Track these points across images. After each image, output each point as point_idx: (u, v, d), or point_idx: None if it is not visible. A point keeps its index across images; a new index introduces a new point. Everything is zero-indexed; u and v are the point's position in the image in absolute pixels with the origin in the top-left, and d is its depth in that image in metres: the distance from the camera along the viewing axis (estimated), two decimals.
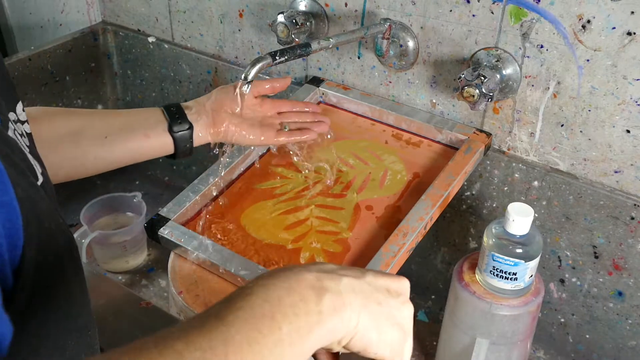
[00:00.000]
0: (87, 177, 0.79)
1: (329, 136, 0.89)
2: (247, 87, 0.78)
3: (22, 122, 0.54)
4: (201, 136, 0.81)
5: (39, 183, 0.48)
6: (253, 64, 0.77)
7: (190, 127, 0.79)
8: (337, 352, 0.51)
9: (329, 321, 0.42)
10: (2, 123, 0.47)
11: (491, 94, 0.84)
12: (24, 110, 0.55)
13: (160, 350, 0.36)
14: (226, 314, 0.40)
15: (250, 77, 0.77)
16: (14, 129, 0.49)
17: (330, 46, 0.86)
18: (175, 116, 0.79)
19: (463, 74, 0.85)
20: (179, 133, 0.78)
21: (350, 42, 0.90)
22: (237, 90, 0.80)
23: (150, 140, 0.78)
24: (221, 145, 0.85)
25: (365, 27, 0.93)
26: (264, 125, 0.84)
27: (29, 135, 0.54)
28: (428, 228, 0.81)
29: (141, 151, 0.78)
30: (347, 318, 0.43)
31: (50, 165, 0.59)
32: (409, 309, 0.48)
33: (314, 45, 0.84)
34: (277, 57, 0.79)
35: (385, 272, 0.49)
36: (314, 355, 0.51)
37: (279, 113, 0.88)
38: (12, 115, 0.51)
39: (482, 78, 0.84)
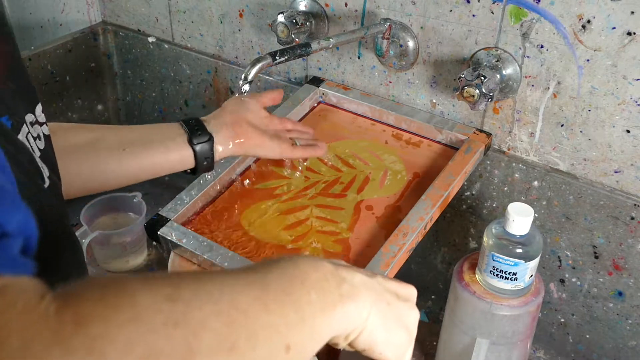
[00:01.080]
0: None
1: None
2: (247, 87, 0.78)
3: (41, 124, 0.54)
4: (222, 150, 0.79)
5: (45, 186, 0.48)
6: (253, 64, 0.77)
7: (211, 139, 0.77)
8: (338, 354, 0.51)
9: (347, 304, 0.42)
10: (14, 126, 0.47)
11: (491, 94, 0.84)
12: (43, 112, 0.55)
13: (197, 277, 0.36)
14: (258, 269, 0.40)
15: (250, 77, 0.77)
16: (28, 132, 0.49)
17: (331, 46, 0.86)
18: (195, 128, 0.77)
19: (463, 74, 0.85)
20: (199, 145, 0.76)
21: (351, 42, 0.90)
22: (239, 91, 0.80)
23: (170, 153, 0.76)
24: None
25: (365, 27, 0.93)
26: (280, 138, 0.84)
27: (47, 137, 0.54)
28: (428, 228, 0.81)
29: (160, 165, 0.77)
30: (360, 309, 0.43)
31: (66, 174, 0.58)
32: (416, 314, 0.49)
33: (314, 45, 0.84)
34: (277, 57, 0.79)
35: (392, 279, 0.49)
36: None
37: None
38: (30, 117, 0.51)
39: (482, 78, 0.84)
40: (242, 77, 0.77)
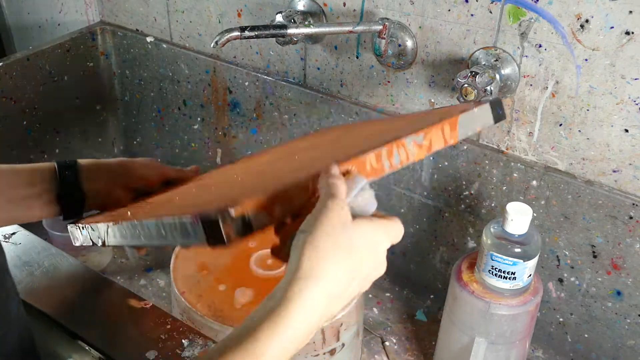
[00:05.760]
0: None
1: None
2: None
3: None
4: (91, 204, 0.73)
5: None
6: (223, 34, 0.84)
7: (82, 198, 0.71)
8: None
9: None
10: None
11: (488, 87, 0.84)
12: None
13: None
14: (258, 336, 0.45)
15: (220, 43, 0.83)
16: None
17: (311, 33, 0.86)
18: (66, 181, 0.70)
19: (461, 74, 0.85)
20: (67, 201, 0.70)
21: (336, 34, 0.89)
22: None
23: (33, 210, 0.70)
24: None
25: (354, 22, 0.92)
26: None
27: None
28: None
29: (19, 219, 0.72)
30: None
31: None
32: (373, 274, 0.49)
33: (291, 29, 0.85)
34: (246, 32, 0.84)
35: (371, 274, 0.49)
36: None
37: None
38: None
39: (481, 78, 0.84)
40: (213, 43, 0.83)
